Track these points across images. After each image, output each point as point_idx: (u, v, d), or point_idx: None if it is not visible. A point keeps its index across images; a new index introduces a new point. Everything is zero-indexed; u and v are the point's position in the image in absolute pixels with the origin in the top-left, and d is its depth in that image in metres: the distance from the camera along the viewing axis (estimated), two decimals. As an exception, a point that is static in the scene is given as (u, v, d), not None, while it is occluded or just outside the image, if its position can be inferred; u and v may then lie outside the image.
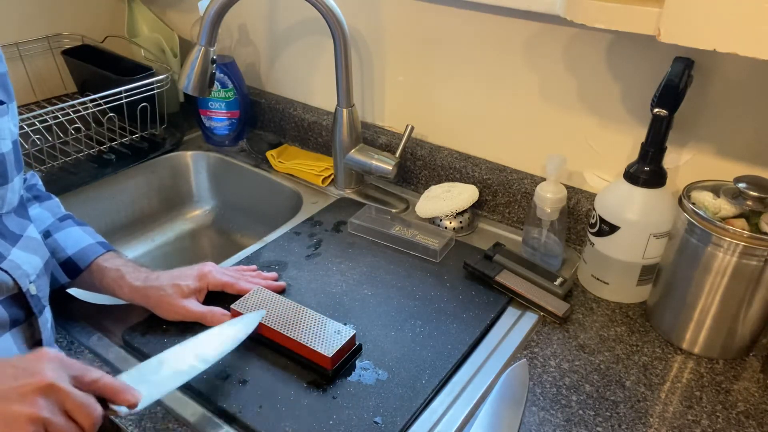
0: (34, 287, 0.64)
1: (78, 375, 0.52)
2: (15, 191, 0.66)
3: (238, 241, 1.21)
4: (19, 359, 0.51)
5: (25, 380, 0.49)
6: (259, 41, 1.25)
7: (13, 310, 0.61)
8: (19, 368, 0.50)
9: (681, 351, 0.76)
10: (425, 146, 1.06)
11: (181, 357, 0.63)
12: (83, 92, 1.24)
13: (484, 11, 0.92)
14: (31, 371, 0.49)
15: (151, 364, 0.61)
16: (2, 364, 0.50)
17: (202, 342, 0.66)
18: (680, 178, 0.85)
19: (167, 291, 0.75)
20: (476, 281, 0.85)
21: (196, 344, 0.65)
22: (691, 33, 0.59)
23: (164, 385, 0.59)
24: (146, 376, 0.59)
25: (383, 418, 0.65)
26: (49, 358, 0.51)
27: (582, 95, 0.89)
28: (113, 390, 0.54)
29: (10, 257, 0.62)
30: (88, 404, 0.51)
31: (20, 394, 0.48)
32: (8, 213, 0.65)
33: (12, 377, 0.49)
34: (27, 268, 0.63)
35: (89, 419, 0.50)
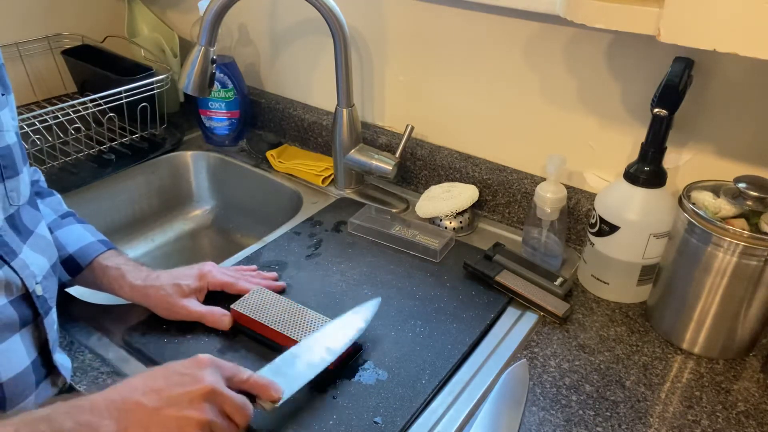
0: (40, 288, 0.64)
1: (231, 376, 0.57)
2: (26, 183, 0.66)
3: (238, 241, 1.21)
4: (181, 366, 0.56)
5: (192, 387, 0.54)
6: (259, 41, 1.25)
7: (22, 311, 0.61)
8: (185, 375, 0.55)
9: (681, 351, 0.76)
10: (425, 146, 1.07)
11: (313, 350, 0.67)
12: (83, 92, 1.24)
13: (484, 11, 0.92)
14: (196, 378, 0.55)
15: (286, 358, 0.65)
16: (168, 373, 0.55)
17: (330, 334, 0.69)
18: (680, 178, 0.85)
19: (167, 290, 0.75)
20: (476, 281, 0.85)
21: (324, 337, 0.69)
22: (691, 33, 0.59)
23: (300, 377, 0.63)
24: (283, 370, 0.63)
25: (383, 418, 0.65)
26: (207, 363, 0.56)
27: (582, 95, 0.89)
28: (260, 387, 0.59)
29: (21, 255, 0.62)
30: (243, 405, 0.56)
31: (189, 400, 0.53)
32: (24, 205, 0.65)
33: (179, 384, 0.54)
34: (34, 268, 0.63)
35: (244, 418, 0.56)
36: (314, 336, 0.69)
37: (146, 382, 0.54)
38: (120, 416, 0.52)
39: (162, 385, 0.54)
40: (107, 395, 0.53)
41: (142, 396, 0.53)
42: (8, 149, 0.63)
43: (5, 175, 0.62)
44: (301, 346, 0.67)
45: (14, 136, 0.65)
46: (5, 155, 0.62)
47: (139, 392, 0.53)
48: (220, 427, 0.54)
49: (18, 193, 0.64)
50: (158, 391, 0.53)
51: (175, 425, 0.52)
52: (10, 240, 0.62)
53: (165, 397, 0.53)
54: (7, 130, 0.63)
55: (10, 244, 0.61)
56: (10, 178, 0.63)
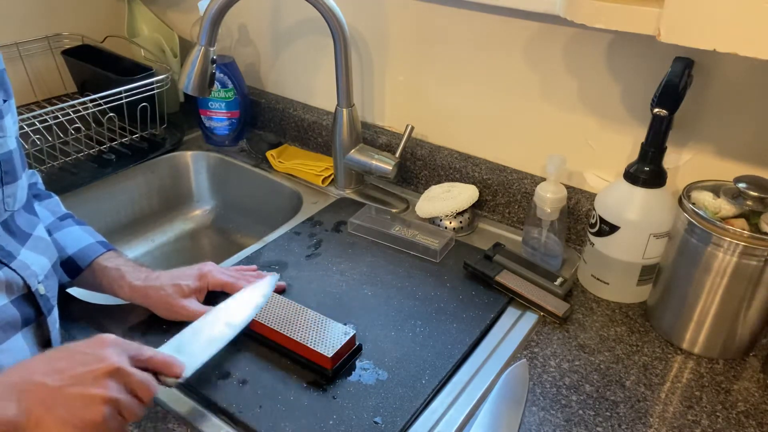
0: (42, 287, 0.64)
1: (134, 355, 0.57)
2: (24, 188, 0.66)
3: (238, 241, 1.21)
4: (84, 346, 0.55)
5: (96, 365, 0.53)
6: (259, 41, 1.25)
7: (24, 310, 0.62)
8: (88, 354, 0.54)
9: (681, 351, 0.76)
10: (425, 146, 1.06)
11: (213, 325, 0.67)
12: (83, 92, 1.24)
13: (484, 11, 0.92)
14: (99, 357, 0.54)
15: (186, 335, 0.65)
16: (71, 352, 0.55)
17: (229, 309, 0.70)
18: (680, 178, 0.85)
19: (167, 290, 0.75)
20: (476, 281, 0.85)
21: (224, 312, 0.70)
22: (691, 33, 0.59)
23: (202, 353, 0.64)
24: (185, 347, 0.64)
25: (383, 418, 0.65)
26: (110, 343, 0.56)
27: (582, 95, 0.89)
28: (163, 364, 0.59)
29: (20, 257, 0.62)
30: (147, 382, 0.56)
31: (93, 378, 0.52)
32: (19, 210, 0.65)
33: (82, 363, 0.53)
34: (35, 268, 0.64)
35: (149, 394, 0.56)
36: (214, 311, 0.69)
37: (47, 363, 0.53)
38: (21, 397, 0.50)
39: (64, 365, 0.53)
40: (7, 378, 0.52)
41: (43, 376, 0.52)
42: (9, 155, 0.63)
43: (4, 181, 0.62)
44: (201, 321, 0.68)
45: (15, 142, 0.65)
46: (7, 161, 0.62)
47: (40, 373, 0.52)
48: (126, 403, 0.54)
49: (14, 199, 0.64)
50: (60, 371, 0.52)
51: (81, 403, 0.51)
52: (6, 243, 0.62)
53: (68, 376, 0.52)
54: (9, 135, 0.63)
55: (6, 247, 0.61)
56: (9, 183, 0.63)
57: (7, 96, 0.65)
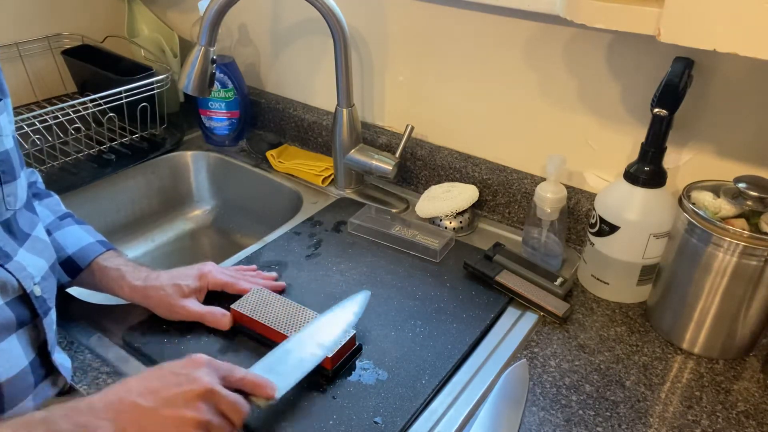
0: (38, 289, 0.64)
1: (226, 375, 0.58)
2: (24, 187, 0.66)
3: (238, 241, 1.21)
4: (176, 366, 0.57)
5: (188, 387, 0.54)
6: (259, 41, 1.25)
7: (19, 311, 0.61)
8: (181, 375, 0.55)
9: (681, 351, 0.76)
10: (425, 146, 1.06)
11: (304, 346, 0.67)
12: (83, 92, 1.24)
13: (484, 11, 0.92)
14: (191, 378, 0.55)
15: (278, 354, 0.65)
16: (164, 373, 0.56)
17: (320, 329, 0.69)
18: (680, 178, 0.85)
19: (167, 290, 0.75)
20: (476, 281, 0.85)
21: (315, 331, 0.69)
22: (691, 33, 0.59)
23: (293, 374, 0.64)
24: (275, 367, 0.63)
25: (383, 418, 0.65)
26: (202, 363, 0.57)
27: (582, 95, 0.89)
28: (255, 385, 0.59)
29: (17, 258, 0.62)
30: (238, 403, 0.57)
31: (185, 400, 0.53)
32: (20, 209, 0.65)
33: (176, 384, 0.54)
34: (32, 270, 0.63)
35: (240, 416, 0.57)
36: (304, 331, 0.69)
37: (142, 383, 0.55)
38: (117, 417, 0.52)
39: (158, 386, 0.54)
40: (104, 397, 0.53)
41: (138, 397, 0.53)
42: (6, 154, 0.63)
43: (3, 180, 0.62)
44: (292, 341, 0.67)
45: (12, 141, 0.65)
46: (4, 160, 0.62)
47: (134, 393, 0.54)
48: (217, 426, 0.55)
49: (15, 198, 0.64)
50: (154, 391, 0.54)
51: (172, 425, 0.52)
52: (4, 244, 0.61)
53: (161, 398, 0.53)
54: (6, 135, 0.63)
55: (3, 248, 0.61)
56: (7, 182, 0.63)
57: (2, 95, 0.65)
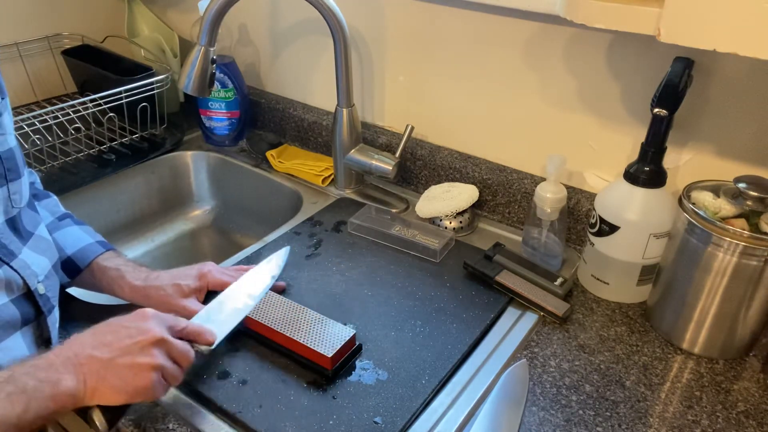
0: (42, 287, 0.64)
1: (171, 325, 0.63)
2: (27, 186, 0.67)
3: (238, 241, 1.21)
4: (127, 320, 0.61)
5: (141, 337, 0.59)
6: (259, 41, 1.25)
7: (24, 309, 0.62)
8: (132, 328, 0.59)
9: (681, 351, 0.76)
10: (425, 146, 1.06)
11: (236, 297, 0.73)
12: (83, 92, 1.24)
13: (484, 11, 0.92)
14: (142, 329, 0.59)
15: (213, 307, 0.71)
16: (116, 326, 0.60)
17: (248, 283, 0.76)
18: (680, 178, 0.85)
19: (167, 290, 0.75)
20: (476, 281, 0.85)
21: (244, 285, 0.75)
22: (691, 33, 0.59)
23: (229, 322, 0.70)
24: (213, 317, 0.70)
25: (383, 418, 0.65)
26: (150, 316, 0.61)
27: (582, 95, 0.89)
28: (196, 333, 0.65)
29: (21, 256, 0.62)
30: (186, 350, 0.62)
31: (140, 348, 0.58)
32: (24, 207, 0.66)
33: (128, 336, 0.58)
34: (35, 268, 0.64)
35: (188, 361, 0.63)
36: (234, 286, 0.75)
37: (95, 338, 0.58)
38: (77, 370, 0.56)
39: (111, 339, 0.58)
40: (60, 353, 0.57)
41: (93, 350, 0.57)
42: (11, 152, 0.63)
43: (8, 178, 0.62)
44: (224, 294, 0.73)
45: (14, 139, 0.65)
46: (8, 158, 0.63)
47: (89, 347, 0.57)
48: (169, 370, 0.60)
49: (20, 196, 0.65)
50: (109, 344, 0.58)
51: (131, 372, 0.57)
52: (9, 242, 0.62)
53: (117, 348, 0.57)
54: (9, 133, 0.64)
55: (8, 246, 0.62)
56: (13, 180, 0.63)
57: (2, 94, 0.65)
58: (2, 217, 0.62)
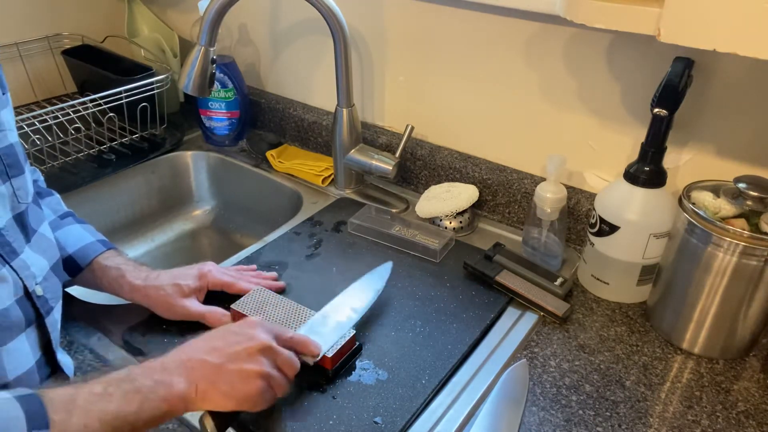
0: (40, 288, 0.64)
1: (278, 335, 0.63)
2: (30, 181, 0.67)
3: (238, 241, 1.21)
4: (235, 327, 0.62)
5: (249, 344, 0.60)
6: (259, 41, 1.25)
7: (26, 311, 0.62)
8: (240, 335, 0.61)
9: (681, 351, 0.76)
10: (425, 146, 1.07)
11: (340, 310, 0.74)
12: (83, 92, 1.24)
13: (484, 11, 0.92)
14: (250, 336, 0.61)
15: (317, 319, 0.72)
16: (225, 334, 0.61)
17: (351, 296, 0.77)
18: (680, 178, 0.85)
19: (167, 290, 0.75)
20: (476, 281, 0.85)
21: (347, 298, 0.77)
22: (691, 33, 0.59)
23: (332, 335, 0.70)
24: (316, 329, 0.70)
25: (383, 418, 0.65)
26: (257, 324, 0.63)
27: (582, 95, 0.89)
28: (302, 344, 0.66)
29: (22, 256, 0.62)
30: (292, 359, 0.63)
31: (248, 355, 0.59)
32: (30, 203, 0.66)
33: (237, 343, 0.60)
34: (34, 269, 0.64)
35: (293, 370, 0.63)
36: (337, 299, 0.76)
37: (206, 343, 0.60)
38: (188, 373, 0.57)
39: (221, 345, 0.59)
40: (174, 357, 0.58)
41: (205, 354, 0.58)
42: (12, 148, 0.63)
43: (11, 174, 0.62)
44: (328, 308, 0.74)
45: (15, 135, 0.65)
46: (9, 154, 0.63)
47: (201, 352, 0.59)
48: (276, 378, 0.61)
49: (25, 191, 0.65)
50: (219, 349, 0.59)
51: (238, 377, 0.58)
52: (13, 239, 0.62)
53: (226, 354, 0.58)
54: (10, 129, 0.64)
55: (12, 243, 0.61)
56: (15, 176, 0.63)
57: (3, 90, 0.65)
58: (9, 214, 0.62)
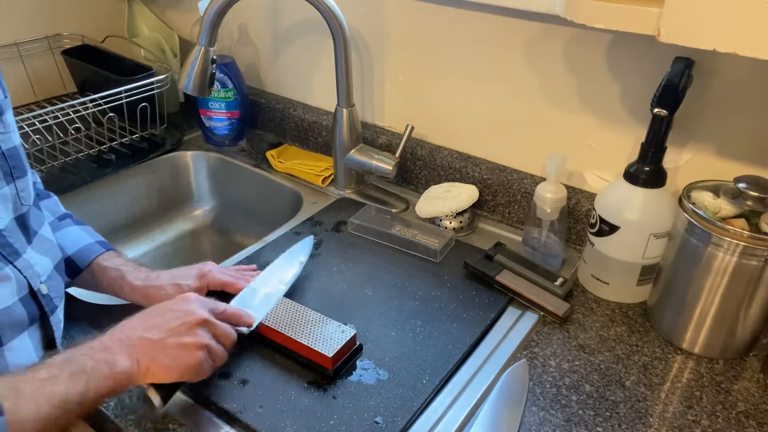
0: (45, 287, 0.64)
1: (212, 308, 0.66)
2: (31, 183, 0.67)
3: (238, 241, 1.21)
4: (171, 304, 0.64)
5: (187, 318, 0.62)
6: (259, 41, 1.25)
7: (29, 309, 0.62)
8: (178, 311, 0.63)
9: (681, 351, 0.76)
10: (425, 146, 1.07)
11: (268, 283, 0.78)
12: (83, 92, 1.24)
13: (484, 11, 0.92)
14: (188, 311, 0.63)
15: (247, 293, 0.75)
16: (163, 310, 0.63)
17: (278, 269, 0.81)
18: (680, 178, 0.85)
19: (167, 290, 0.75)
20: (476, 281, 0.85)
21: (274, 271, 0.80)
22: (691, 33, 0.59)
23: (263, 307, 0.73)
24: (248, 302, 0.74)
25: (384, 418, 0.65)
26: (194, 299, 0.65)
27: (582, 95, 0.89)
28: (237, 316, 0.69)
29: (25, 256, 0.63)
30: (228, 331, 0.66)
31: (187, 329, 0.62)
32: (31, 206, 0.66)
33: (175, 318, 0.62)
34: (38, 268, 0.64)
35: (231, 341, 0.67)
36: (264, 274, 0.79)
37: (144, 321, 0.62)
38: (130, 351, 0.59)
39: (160, 321, 0.62)
40: (113, 336, 0.60)
41: (144, 332, 0.60)
42: (15, 150, 0.64)
43: (15, 175, 0.63)
44: (256, 281, 0.77)
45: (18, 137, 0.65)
46: (13, 155, 0.63)
47: (140, 329, 0.61)
48: (215, 349, 0.64)
49: (28, 193, 0.65)
50: (158, 326, 0.61)
51: (180, 351, 0.60)
52: (15, 240, 0.62)
53: (165, 330, 0.61)
54: (12, 131, 0.64)
55: (14, 244, 0.62)
56: (19, 178, 0.63)
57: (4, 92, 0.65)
58: (11, 215, 0.62)
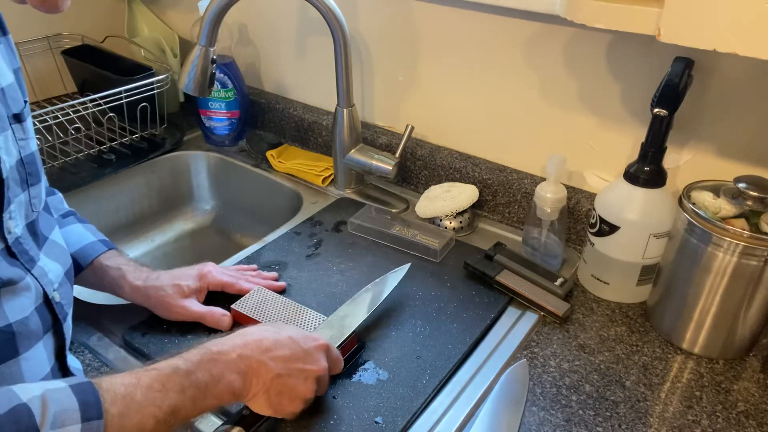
0: (57, 295, 0.64)
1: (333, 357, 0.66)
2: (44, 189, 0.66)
3: (238, 241, 1.21)
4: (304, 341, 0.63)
5: (311, 366, 0.62)
6: (259, 41, 1.25)
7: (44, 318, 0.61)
8: (308, 355, 0.62)
9: (681, 351, 0.76)
10: (425, 146, 1.07)
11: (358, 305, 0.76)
12: (83, 92, 1.24)
13: (484, 11, 0.92)
14: (315, 360, 0.62)
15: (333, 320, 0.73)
16: (294, 344, 0.62)
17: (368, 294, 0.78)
18: (680, 178, 0.85)
19: (167, 291, 0.75)
20: (476, 281, 0.85)
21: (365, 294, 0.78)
22: (691, 33, 0.59)
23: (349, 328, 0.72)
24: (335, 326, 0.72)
25: (384, 418, 0.65)
26: (325, 348, 0.64)
27: (582, 95, 0.89)
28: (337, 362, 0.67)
29: (39, 263, 0.62)
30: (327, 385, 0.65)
31: (305, 378, 0.61)
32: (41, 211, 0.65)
33: (302, 360, 0.61)
34: (51, 276, 0.63)
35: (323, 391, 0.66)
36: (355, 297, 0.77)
37: (276, 349, 0.60)
38: (248, 372, 0.58)
39: (288, 355, 0.60)
40: (241, 351, 0.58)
41: (270, 360, 0.59)
42: (32, 156, 0.63)
43: (30, 183, 0.61)
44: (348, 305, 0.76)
45: (35, 144, 0.64)
46: (30, 162, 0.62)
47: (267, 355, 0.59)
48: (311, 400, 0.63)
49: (39, 200, 0.64)
50: (284, 360, 0.60)
51: (288, 395, 0.60)
52: (30, 248, 0.61)
53: (288, 368, 0.60)
54: (31, 137, 0.63)
55: (29, 252, 0.61)
56: (33, 185, 0.62)
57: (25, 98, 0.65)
58: (23, 222, 0.60)
